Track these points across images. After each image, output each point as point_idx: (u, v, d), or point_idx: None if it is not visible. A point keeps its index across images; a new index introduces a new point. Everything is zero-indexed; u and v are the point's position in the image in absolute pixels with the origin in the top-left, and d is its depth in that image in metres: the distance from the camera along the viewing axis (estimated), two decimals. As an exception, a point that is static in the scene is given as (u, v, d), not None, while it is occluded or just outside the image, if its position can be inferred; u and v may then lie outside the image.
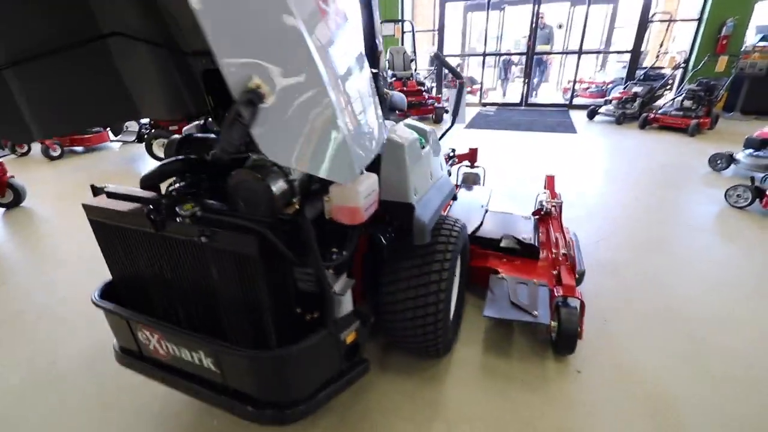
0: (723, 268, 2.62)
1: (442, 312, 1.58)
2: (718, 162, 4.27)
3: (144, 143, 5.27)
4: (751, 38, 6.97)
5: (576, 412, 1.62)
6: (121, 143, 6.21)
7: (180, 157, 1.40)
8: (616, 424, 1.57)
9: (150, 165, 5.35)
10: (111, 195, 1.33)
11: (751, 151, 4.07)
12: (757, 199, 3.27)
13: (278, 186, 1.14)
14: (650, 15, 7.56)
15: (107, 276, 1.44)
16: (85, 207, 1.30)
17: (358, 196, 1.20)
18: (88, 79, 1.45)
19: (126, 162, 5.59)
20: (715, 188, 3.91)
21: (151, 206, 1.13)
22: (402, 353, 1.92)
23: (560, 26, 9.36)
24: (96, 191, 1.36)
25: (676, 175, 4.40)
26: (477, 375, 1.82)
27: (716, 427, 1.55)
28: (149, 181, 1.40)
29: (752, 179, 3.36)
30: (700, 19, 7.03)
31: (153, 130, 5.26)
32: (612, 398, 1.68)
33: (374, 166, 1.37)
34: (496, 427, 1.58)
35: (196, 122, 1.84)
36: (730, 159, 4.17)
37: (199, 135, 1.61)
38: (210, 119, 1.80)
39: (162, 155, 5.41)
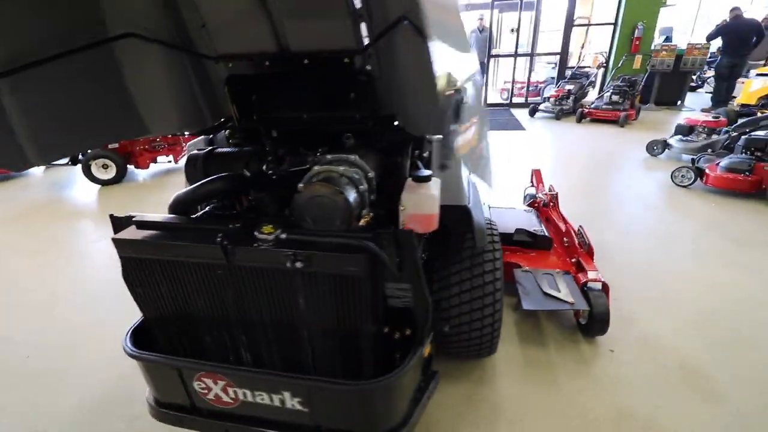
0: (693, 242, 2.95)
1: (499, 312, 1.57)
2: (655, 148, 4.83)
3: (80, 165, 4.61)
4: (658, 39, 8.02)
5: (624, 390, 1.71)
6: (45, 167, 5.38)
7: (222, 175, 1.23)
8: (664, 395, 1.68)
9: (88, 189, 4.72)
10: (142, 225, 1.12)
11: (680, 136, 4.66)
12: (698, 179, 3.74)
13: (353, 198, 1.05)
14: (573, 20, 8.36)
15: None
16: (116, 242, 1.09)
17: (434, 203, 1.15)
18: (91, 90, 1.21)
19: (56, 189, 4.85)
20: (658, 171, 4.40)
21: (221, 233, 0.97)
22: (441, 357, 1.87)
23: (512, 30, 9.84)
24: (121, 223, 1.15)
25: (622, 162, 4.89)
26: (522, 368, 1.85)
27: (745, 382, 1.73)
28: (184, 205, 1.21)
29: (693, 161, 3.84)
30: (615, 23, 7.93)
31: (89, 150, 4.62)
32: (649, 372, 1.80)
33: None
34: (557, 415, 1.60)
35: (203, 137, 1.65)
36: (665, 145, 4.73)
37: (226, 150, 1.44)
38: (220, 131, 1.62)
39: (103, 177, 4.81)
